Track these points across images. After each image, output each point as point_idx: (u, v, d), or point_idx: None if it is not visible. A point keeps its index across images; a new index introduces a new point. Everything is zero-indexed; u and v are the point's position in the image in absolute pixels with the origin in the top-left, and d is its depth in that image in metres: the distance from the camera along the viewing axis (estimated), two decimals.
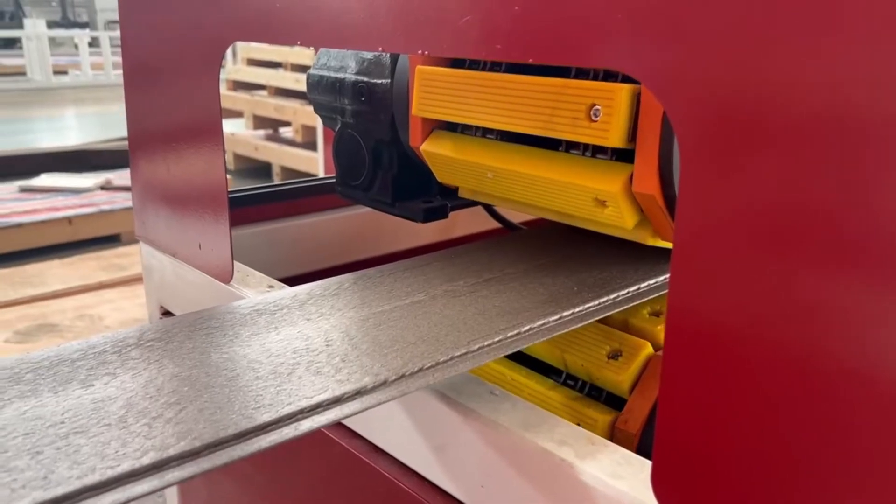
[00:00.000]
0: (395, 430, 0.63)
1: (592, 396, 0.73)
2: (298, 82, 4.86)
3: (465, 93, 0.69)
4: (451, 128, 0.75)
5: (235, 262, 0.78)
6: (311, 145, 4.68)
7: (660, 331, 0.73)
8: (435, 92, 0.72)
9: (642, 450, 0.66)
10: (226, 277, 0.79)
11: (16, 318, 2.81)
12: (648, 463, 0.48)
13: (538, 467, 0.52)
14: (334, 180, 0.92)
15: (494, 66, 0.69)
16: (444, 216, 0.86)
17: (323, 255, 1.05)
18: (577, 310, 0.64)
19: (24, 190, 4.53)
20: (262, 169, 5.19)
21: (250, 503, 0.86)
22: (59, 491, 0.38)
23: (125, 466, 0.40)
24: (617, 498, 0.47)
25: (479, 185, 0.75)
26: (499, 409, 0.56)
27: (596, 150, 0.64)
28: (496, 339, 0.57)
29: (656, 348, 0.72)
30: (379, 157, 0.85)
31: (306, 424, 0.46)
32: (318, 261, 1.04)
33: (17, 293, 3.00)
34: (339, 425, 0.69)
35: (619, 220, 0.63)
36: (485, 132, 0.72)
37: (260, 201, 0.99)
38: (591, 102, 0.60)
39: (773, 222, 0.37)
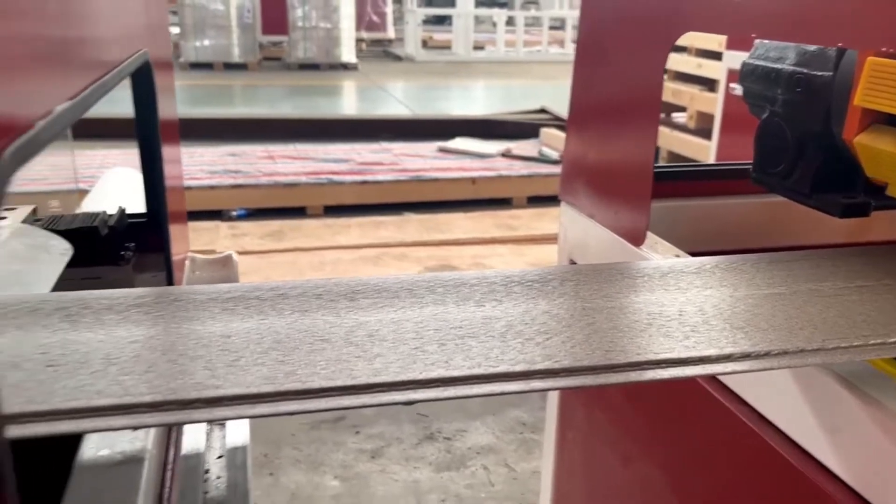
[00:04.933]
0: (785, 403, 0.66)
1: None
2: (700, 67, 4.78)
3: None
4: (893, 122, 0.74)
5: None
6: (703, 132, 4.59)
7: None
8: (886, 84, 0.71)
9: None
10: (638, 241, 0.88)
11: (426, 256, 3.32)
12: None
13: None
14: (750, 166, 0.95)
15: None
16: (865, 214, 0.84)
17: (725, 237, 1.09)
18: None
19: (441, 150, 5.24)
20: None
21: (621, 437, 0.96)
22: (455, 373, 0.51)
23: (502, 368, 0.52)
24: None
25: None
26: None
27: None
28: (855, 344, 0.56)
29: None
30: (803, 148, 0.86)
31: (649, 374, 0.53)
32: (719, 242, 1.08)
33: (430, 236, 3.53)
34: (725, 389, 0.75)
35: None
36: None
37: (674, 178, 1.06)
38: None
39: None
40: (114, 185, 2.73)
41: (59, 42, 0.39)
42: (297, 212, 4.12)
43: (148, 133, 0.73)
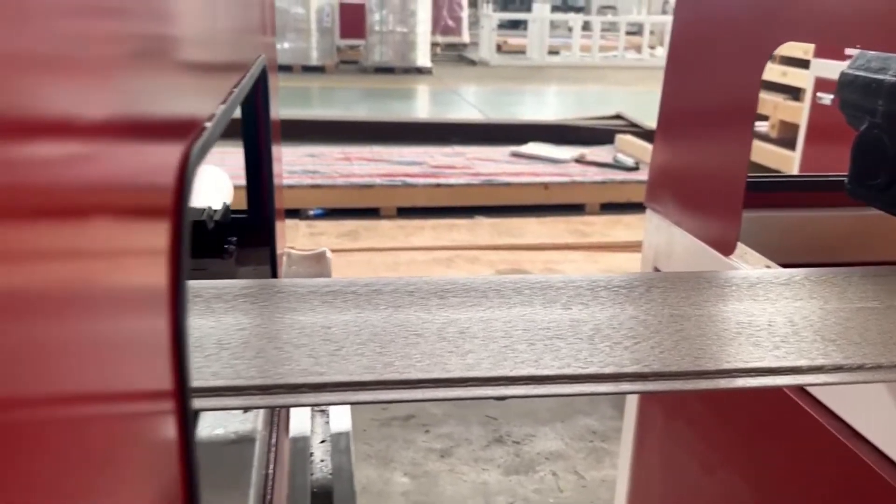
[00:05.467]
0: (879, 418, 0.65)
1: None
2: (785, 76, 4.65)
3: None
4: None
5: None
6: (786, 142, 4.46)
7: None
8: None
9: None
10: (728, 251, 0.88)
11: (497, 259, 3.34)
12: None
13: None
14: (844, 178, 0.93)
15: None
16: None
17: (817, 250, 1.07)
18: None
19: (514, 154, 5.24)
20: None
21: (701, 448, 0.95)
22: (545, 372, 0.53)
23: (592, 369, 0.53)
24: None
25: None
26: None
27: None
28: None
29: None
30: None
31: (739, 382, 0.53)
32: (810, 255, 1.06)
33: (502, 240, 3.55)
34: (815, 401, 0.74)
35: None
36: None
37: (765, 188, 1.05)
38: None
39: None
40: (200, 181, 2.85)
41: (215, 48, 0.42)
42: (372, 212, 4.19)
43: (258, 134, 0.77)
